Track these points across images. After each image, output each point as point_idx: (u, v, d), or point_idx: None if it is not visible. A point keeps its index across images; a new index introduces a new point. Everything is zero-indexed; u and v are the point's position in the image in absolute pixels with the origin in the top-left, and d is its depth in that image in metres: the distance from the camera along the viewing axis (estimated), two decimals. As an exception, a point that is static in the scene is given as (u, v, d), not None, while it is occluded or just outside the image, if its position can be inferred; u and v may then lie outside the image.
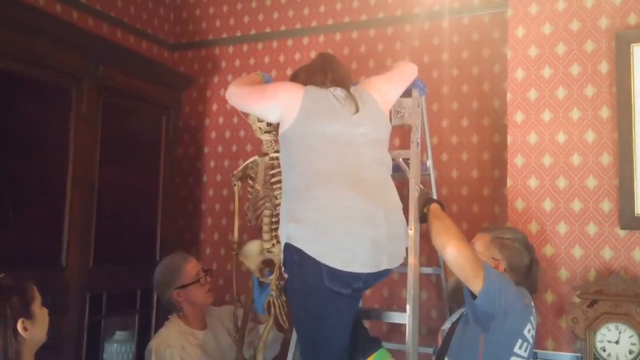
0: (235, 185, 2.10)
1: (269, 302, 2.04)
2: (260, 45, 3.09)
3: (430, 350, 2.07)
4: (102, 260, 2.39)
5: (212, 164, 3.15)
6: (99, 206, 2.37)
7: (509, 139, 2.20)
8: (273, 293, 2.03)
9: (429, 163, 2.34)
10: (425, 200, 2.00)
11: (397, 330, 2.49)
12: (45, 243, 2.18)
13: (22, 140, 2.10)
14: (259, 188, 2.02)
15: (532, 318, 1.82)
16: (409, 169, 2.05)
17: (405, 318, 1.86)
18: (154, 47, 3.15)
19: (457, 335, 1.89)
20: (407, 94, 2.24)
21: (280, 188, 1.94)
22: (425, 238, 1.90)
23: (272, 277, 2.05)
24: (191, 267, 2.24)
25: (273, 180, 2.02)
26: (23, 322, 1.38)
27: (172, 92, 2.85)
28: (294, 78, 1.92)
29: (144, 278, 2.64)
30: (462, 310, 1.93)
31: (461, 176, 2.63)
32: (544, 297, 2.07)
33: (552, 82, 2.15)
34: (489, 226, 2.07)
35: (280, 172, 1.93)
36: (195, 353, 2.17)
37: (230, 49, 3.16)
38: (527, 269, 1.88)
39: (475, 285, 1.74)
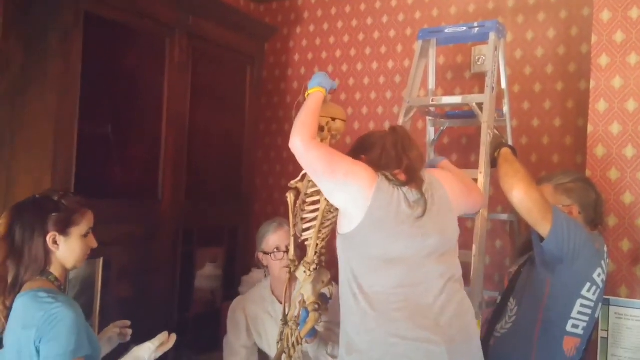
0: (288, 197, 1.83)
1: (286, 334, 1.82)
2: (341, -6, 3.13)
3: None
4: (193, 196, 2.61)
5: (294, 113, 3.27)
6: (189, 148, 2.58)
7: (592, 83, 2.12)
8: (290, 324, 1.81)
9: (506, 110, 2.31)
10: (497, 145, 2.01)
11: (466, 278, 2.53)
12: (144, 178, 2.42)
13: (124, 85, 2.32)
14: (297, 206, 1.83)
15: (603, 263, 1.82)
16: (482, 113, 2.05)
17: (470, 257, 1.92)
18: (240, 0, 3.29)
19: (523, 277, 1.93)
20: (485, 37, 2.22)
21: (311, 211, 1.77)
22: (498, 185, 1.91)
23: (290, 309, 1.85)
24: (274, 238, 2.16)
25: (308, 200, 1.78)
26: (54, 236, 1.50)
27: (256, 42, 2.98)
28: (363, 149, 1.72)
29: (229, 216, 2.87)
30: (529, 254, 1.95)
31: (542, 125, 2.57)
32: (620, 245, 2.03)
33: (640, 22, 2.03)
34: (544, 176, 2.04)
35: (316, 192, 1.73)
36: (267, 324, 2.16)
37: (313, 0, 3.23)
38: (595, 204, 1.89)
39: (543, 228, 1.76)
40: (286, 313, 1.88)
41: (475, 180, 1.98)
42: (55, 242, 1.51)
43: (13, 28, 2.14)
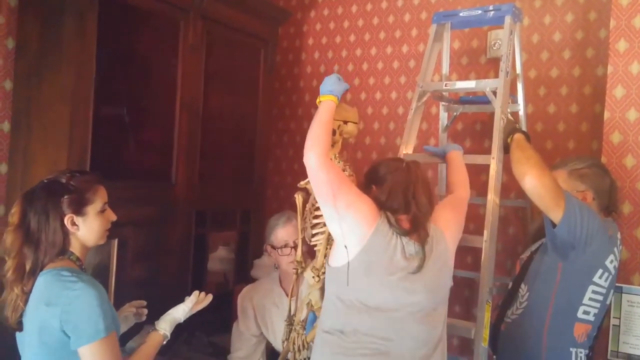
0: (296, 198, 1.78)
1: (293, 337, 1.81)
2: (356, -22, 3.10)
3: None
4: (206, 179, 2.63)
5: (307, 97, 3.27)
6: (203, 131, 2.59)
7: (610, 68, 2.09)
8: (297, 328, 1.80)
9: (520, 95, 2.28)
10: (510, 130, 1.99)
11: (477, 264, 2.53)
12: (158, 160, 2.45)
13: (138, 67, 2.33)
14: (307, 210, 1.78)
15: (615, 249, 1.81)
16: (496, 98, 2.03)
17: (481, 242, 1.91)
18: (254, -17, 3.27)
19: (535, 263, 1.92)
20: (500, 21, 2.19)
21: (320, 216, 1.70)
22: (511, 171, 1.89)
23: (297, 311, 1.84)
24: (282, 233, 2.14)
25: (317, 204, 1.70)
26: (72, 217, 1.50)
27: (269, 26, 2.97)
28: (375, 179, 1.65)
29: (242, 200, 2.89)
30: (542, 240, 1.94)
31: (559, 111, 2.54)
32: (634, 233, 2.01)
33: (661, 6, 1.99)
34: (559, 162, 2.02)
35: None
36: (273, 315, 2.17)
37: (327, -17, 3.20)
38: (610, 190, 1.88)
39: (555, 214, 1.74)
40: (292, 313, 1.86)
41: (488, 166, 1.96)
42: (74, 224, 1.51)
43: (29, 10, 2.16)
